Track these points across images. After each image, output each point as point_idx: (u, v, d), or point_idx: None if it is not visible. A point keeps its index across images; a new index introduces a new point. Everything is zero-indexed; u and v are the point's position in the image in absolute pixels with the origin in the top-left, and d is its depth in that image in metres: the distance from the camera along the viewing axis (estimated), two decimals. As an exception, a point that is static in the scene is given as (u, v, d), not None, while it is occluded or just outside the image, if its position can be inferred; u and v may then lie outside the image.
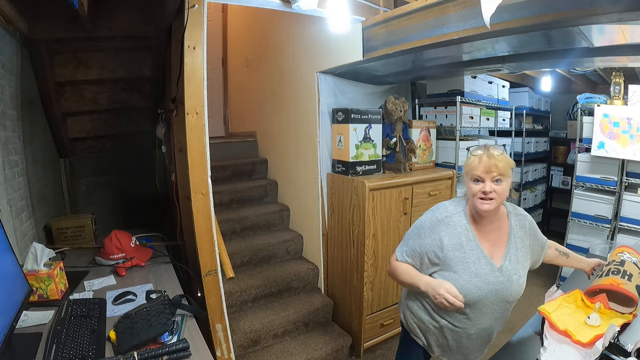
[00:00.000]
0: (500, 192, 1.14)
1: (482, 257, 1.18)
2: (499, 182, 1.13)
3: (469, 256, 1.18)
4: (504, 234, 1.23)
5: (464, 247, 1.19)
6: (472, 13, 1.52)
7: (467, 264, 1.18)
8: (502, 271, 1.18)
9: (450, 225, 1.22)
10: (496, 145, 1.18)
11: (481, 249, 1.19)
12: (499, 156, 1.13)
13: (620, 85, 2.72)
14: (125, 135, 2.63)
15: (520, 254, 1.23)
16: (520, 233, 1.25)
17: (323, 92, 2.48)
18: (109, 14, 1.87)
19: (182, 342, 1.05)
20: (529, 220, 1.30)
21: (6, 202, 1.52)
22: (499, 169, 1.12)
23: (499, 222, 1.24)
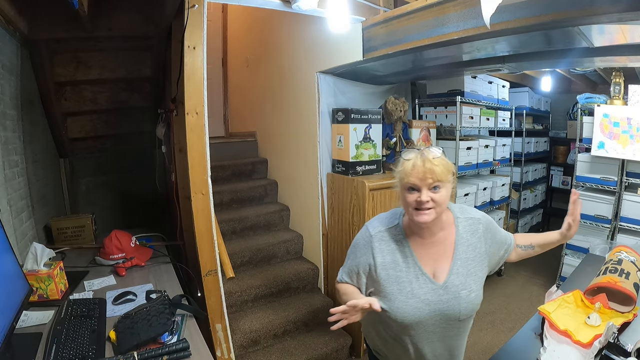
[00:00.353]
0: (440, 200, 1.00)
1: (421, 275, 1.05)
2: (437, 189, 0.99)
3: (405, 275, 1.05)
4: (450, 244, 1.08)
5: (400, 265, 1.06)
6: (472, 13, 1.52)
7: (402, 284, 1.05)
8: (447, 288, 1.04)
9: (384, 240, 1.09)
10: (433, 148, 1.04)
11: (419, 265, 1.06)
12: (436, 160, 0.99)
13: (620, 85, 2.72)
14: (125, 135, 2.63)
15: (472, 264, 1.08)
16: (472, 240, 1.10)
17: (323, 92, 2.48)
18: (109, 14, 1.87)
19: (182, 342, 1.05)
20: (484, 223, 1.13)
21: (6, 202, 1.52)
22: (436, 175, 0.97)
23: (444, 231, 1.09)
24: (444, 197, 1.01)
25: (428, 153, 1.00)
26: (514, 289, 3.25)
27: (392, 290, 1.05)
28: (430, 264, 1.07)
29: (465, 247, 1.08)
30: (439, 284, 1.05)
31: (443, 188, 1.00)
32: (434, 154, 1.01)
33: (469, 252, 1.08)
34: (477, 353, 2.32)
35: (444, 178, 0.99)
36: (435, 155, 1.00)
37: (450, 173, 1.02)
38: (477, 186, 3.03)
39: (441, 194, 1.00)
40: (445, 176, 0.99)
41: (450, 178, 1.03)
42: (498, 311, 2.89)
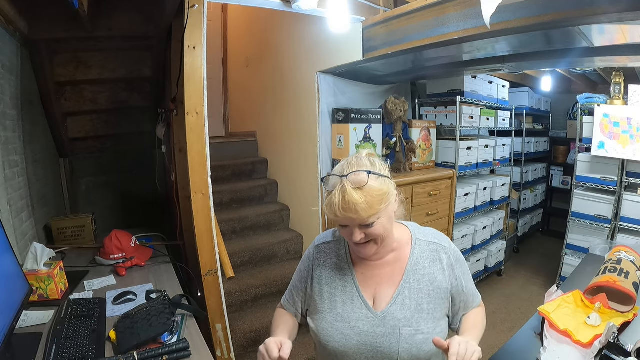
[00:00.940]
0: (377, 233, 0.84)
1: (357, 297, 0.90)
2: (371, 225, 0.82)
3: (340, 294, 0.92)
4: (400, 269, 0.91)
5: (336, 282, 0.93)
6: (472, 13, 1.52)
7: (335, 303, 0.91)
8: (385, 320, 0.87)
9: (327, 253, 0.98)
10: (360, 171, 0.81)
11: (358, 287, 0.91)
12: (360, 192, 0.78)
13: (620, 85, 2.72)
14: (125, 135, 2.63)
15: (425, 299, 0.88)
16: (430, 270, 0.90)
17: (323, 92, 2.48)
18: (109, 14, 1.87)
19: (182, 342, 1.05)
20: (452, 254, 0.93)
21: (6, 202, 1.52)
22: (360, 214, 0.78)
23: (396, 252, 0.93)
24: (383, 228, 0.84)
25: (348, 184, 0.79)
26: (514, 289, 3.25)
27: (323, 308, 0.93)
28: (372, 287, 0.92)
29: (419, 275, 0.90)
30: (376, 313, 0.88)
31: (379, 219, 0.82)
32: (357, 182, 0.79)
33: (423, 282, 0.89)
34: (477, 353, 2.32)
35: (371, 212, 0.80)
36: (360, 184, 0.79)
37: (382, 200, 0.81)
38: (477, 186, 3.03)
39: (377, 227, 0.83)
40: (374, 209, 0.80)
41: (389, 200, 0.83)
42: (498, 311, 2.89)
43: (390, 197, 0.84)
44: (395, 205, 0.87)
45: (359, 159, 0.87)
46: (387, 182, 0.84)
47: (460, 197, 2.85)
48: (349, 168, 0.84)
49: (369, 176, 0.81)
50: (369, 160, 0.87)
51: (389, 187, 0.84)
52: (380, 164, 0.88)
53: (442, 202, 2.70)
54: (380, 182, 0.82)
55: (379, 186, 0.81)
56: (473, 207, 3.04)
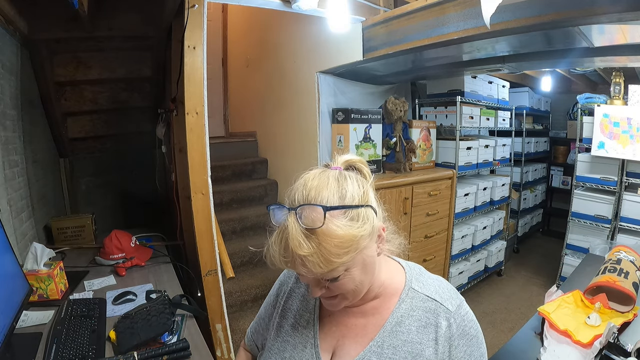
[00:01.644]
0: (348, 288, 0.61)
1: (310, 346, 0.69)
2: (336, 279, 0.59)
3: (296, 333, 0.71)
4: (376, 325, 0.66)
5: (297, 318, 0.73)
6: (472, 13, 1.52)
7: (285, 344, 0.71)
8: None
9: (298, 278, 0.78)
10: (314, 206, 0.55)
11: (316, 331, 0.70)
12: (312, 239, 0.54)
13: (620, 85, 2.72)
14: (125, 135, 2.63)
15: None
16: (416, 336, 0.63)
17: (323, 92, 2.48)
18: (109, 14, 1.87)
19: (182, 342, 1.05)
20: (458, 323, 0.64)
21: (6, 202, 1.52)
22: (311, 272, 0.55)
23: (380, 300, 0.68)
24: (354, 279, 0.60)
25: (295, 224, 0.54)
26: (514, 289, 3.25)
27: (272, 346, 0.73)
28: (334, 337, 0.69)
29: (398, 341, 0.64)
30: None
31: (348, 270, 0.58)
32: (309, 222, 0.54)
33: (402, 352, 0.63)
34: (477, 353, 2.32)
35: (329, 267, 0.55)
36: (312, 225, 0.54)
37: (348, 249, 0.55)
38: (477, 186, 3.03)
39: (346, 282, 0.60)
40: (332, 263, 0.55)
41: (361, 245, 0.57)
42: (498, 311, 2.89)
43: (364, 241, 0.57)
44: (373, 247, 0.61)
45: (323, 177, 0.60)
46: (361, 216, 0.57)
47: (460, 197, 2.85)
48: (303, 193, 0.58)
49: (326, 214, 0.54)
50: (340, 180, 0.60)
51: (365, 227, 0.57)
52: (357, 183, 0.61)
53: (442, 202, 2.70)
54: (349, 221, 0.56)
55: (343, 230, 0.55)
56: (473, 207, 3.04)
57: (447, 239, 2.80)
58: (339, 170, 0.63)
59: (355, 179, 0.62)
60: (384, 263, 0.70)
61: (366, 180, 0.64)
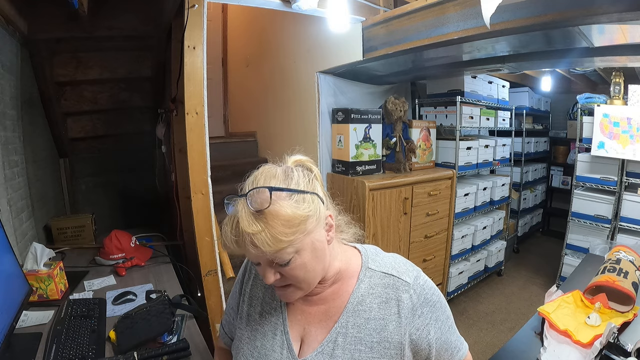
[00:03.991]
0: (298, 275, 0.62)
1: (280, 333, 0.70)
2: (285, 263, 0.60)
3: (264, 322, 0.72)
4: (338, 307, 0.69)
5: (263, 306, 0.74)
6: (472, 13, 1.52)
7: (255, 333, 0.72)
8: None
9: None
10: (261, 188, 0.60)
11: (284, 317, 0.71)
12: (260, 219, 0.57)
13: (620, 85, 2.72)
14: (125, 135, 2.63)
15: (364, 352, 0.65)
16: (378, 312, 0.66)
17: (323, 92, 2.48)
18: (109, 13, 1.87)
19: (182, 342, 1.05)
20: (418, 293, 0.67)
21: (6, 202, 1.52)
22: (260, 250, 0.57)
23: (338, 285, 0.71)
24: (305, 265, 0.62)
25: (245, 207, 0.58)
26: (514, 289, 3.25)
27: (242, 335, 0.74)
28: (301, 325, 0.71)
29: (361, 319, 0.66)
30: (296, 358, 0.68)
31: (298, 253, 0.60)
32: (257, 204, 0.58)
33: (365, 330, 0.65)
34: (477, 353, 2.32)
35: (278, 246, 0.57)
36: (260, 206, 0.57)
37: (296, 228, 0.58)
38: (477, 186, 3.03)
39: (296, 265, 0.61)
40: (281, 242, 0.57)
41: (309, 227, 0.60)
42: (498, 311, 2.89)
43: (311, 223, 0.60)
44: (322, 233, 0.63)
45: (271, 170, 0.64)
46: (307, 200, 0.60)
47: (460, 197, 2.85)
48: (253, 182, 0.62)
49: (272, 194, 0.58)
50: (286, 171, 0.64)
51: (310, 208, 0.60)
52: (303, 174, 0.64)
53: (442, 202, 2.70)
54: (295, 203, 0.59)
55: (289, 210, 0.58)
56: (473, 207, 3.04)
57: (447, 239, 2.80)
58: (295, 159, 0.69)
59: (302, 171, 0.65)
60: (340, 251, 0.73)
61: (313, 174, 0.67)
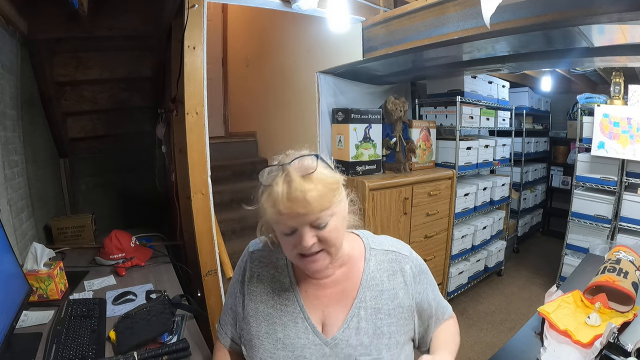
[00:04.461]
0: (331, 238, 0.68)
1: (301, 319, 0.74)
2: (323, 225, 0.67)
3: (280, 314, 0.75)
4: (353, 286, 0.76)
5: (275, 300, 0.76)
6: (472, 13, 1.52)
7: (274, 326, 0.74)
8: (336, 347, 0.72)
9: (262, 262, 0.79)
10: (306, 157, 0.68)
11: (301, 305, 0.75)
12: (310, 180, 0.64)
13: (620, 85, 2.72)
14: (125, 135, 2.64)
15: (385, 320, 0.74)
16: (389, 284, 0.76)
17: (323, 92, 2.48)
18: (109, 13, 1.87)
19: (182, 342, 1.05)
20: (414, 264, 0.80)
21: (6, 202, 1.52)
22: (311, 207, 0.63)
23: (347, 267, 0.78)
24: (337, 229, 0.69)
25: (294, 171, 0.64)
26: (514, 289, 3.25)
27: (259, 332, 0.75)
28: (319, 309, 0.75)
29: (376, 292, 0.75)
30: (326, 339, 0.73)
31: (333, 217, 0.68)
32: (304, 169, 0.65)
33: (382, 300, 0.75)
34: (477, 353, 2.32)
35: (325, 204, 0.65)
36: (308, 170, 0.65)
37: (336, 191, 0.68)
38: (477, 186, 3.03)
39: (331, 228, 0.68)
40: (327, 200, 0.65)
41: (342, 194, 0.70)
42: (498, 311, 2.89)
43: (342, 191, 0.71)
44: (346, 205, 0.73)
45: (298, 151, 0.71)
46: (334, 177, 0.70)
47: (460, 197, 2.85)
48: (290, 156, 0.69)
49: (318, 161, 0.67)
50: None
51: (338, 180, 0.70)
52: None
53: (442, 202, 2.70)
54: (331, 171, 0.69)
55: (330, 173, 0.68)
56: (473, 207, 3.04)
57: (447, 239, 2.80)
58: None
59: None
60: (345, 236, 0.77)
61: None
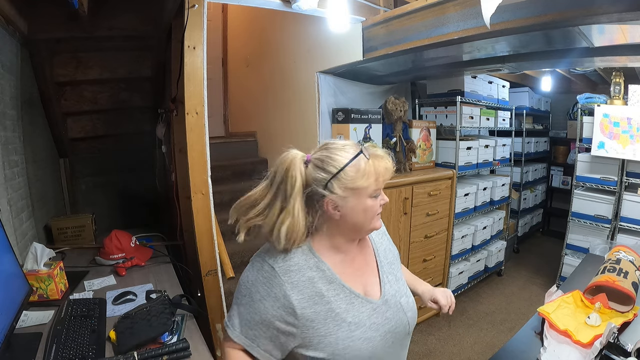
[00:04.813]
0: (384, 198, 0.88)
1: (354, 297, 0.83)
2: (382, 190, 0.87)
3: (336, 304, 0.81)
4: (370, 253, 0.94)
5: (325, 295, 0.80)
6: (472, 13, 1.52)
7: (338, 317, 0.80)
8: (387, 302, 0.87)
9: (293, 271, 0.81)
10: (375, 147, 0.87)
11: (348, 287, 0.83)
12: (385, 152, 0.85)
13: (620, 85, 2.72)
14: (125, 135, 2.64)
15: (396, 268, 0.96)
16: (384, 242, 0.99)
17: (323, 92, 2.48)
18: (109, 13, 1.87)
19: (182, 342, 1.05)
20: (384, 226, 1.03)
21: (6, 202, 1.52)
22: (389, 175, 0.84)
23: (361, 241, 0.93)
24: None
25: (372, 149, 0.85)
26: (514, 289, 3.25)
27: (329, 330, 0.79)
28: (357, 281, 0.87)
29: (383, 252, 0.96)
30: (377, 301, 0.86)
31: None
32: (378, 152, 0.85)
33: (388, 256, 0.96)
34: (477, 353, 2.32)
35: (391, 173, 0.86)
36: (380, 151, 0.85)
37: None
38: (477, 186, 3.03)
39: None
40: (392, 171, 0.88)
41: None
42: (498, 311, 2.89)
43: None
44: None
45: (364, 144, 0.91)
46: None
47: (460, 197, 2.85)
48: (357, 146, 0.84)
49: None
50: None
51: None
52: None
53: (442, 202, 2.70)
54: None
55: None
56: (473, 207, 3.04)
57: (447, 239, 2.80)
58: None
59: None
60: None
61: None
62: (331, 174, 0.78)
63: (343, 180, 0.78)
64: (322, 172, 0.79)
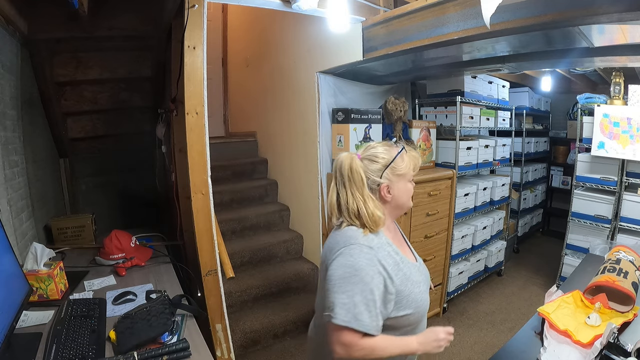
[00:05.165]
0: None
1: (409, 263, 1.06)
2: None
3: (406, 270, 1.03)
4: (396, 227, 1.19)
5: (399, 264, 1.02)
6: (472, 13, 1.52)
7: (410, 278, 1.03)
8: (420, 263, 1.14)
9: (381, 248, 1.01)
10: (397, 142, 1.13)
11: (402, 255, 1.06)
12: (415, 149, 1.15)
13: (620, 85, 2.72)
14: (125, 135, 2.64)
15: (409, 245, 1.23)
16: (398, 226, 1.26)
17: (323, 92, 2.48)
18: (109, 13, 1.87)
19: (182, 342, 1.05)
20: None
21: (6, 202, 1.52)
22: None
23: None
24: None
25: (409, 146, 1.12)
26: (514, 289, 3.25)
27: (410, 290, 1.02)
28: (402, 250, 1.09)
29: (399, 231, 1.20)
30: (417, 264, 1.11)
31: None
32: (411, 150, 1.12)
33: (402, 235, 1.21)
34: (477, 353, 2.32)
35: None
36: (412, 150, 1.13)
37: None
38: (477, 186, 3.03)
39: None
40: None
41: None
42: (498, 311, 2.89)
43: None
44: None
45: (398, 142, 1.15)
46: None
47: (460, 197, 2.85)
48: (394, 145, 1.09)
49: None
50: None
51: None
52: None
53: (442, 202, 2.70)
54: None
55: None
56: (473, 207, 3.04)
57: (447, 239, 2.80)
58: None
59: None
60: None
61: None
62: (385, 165, 1.02)
63: (394, 169, 1.03)
64: (377, 164, 1.03)
